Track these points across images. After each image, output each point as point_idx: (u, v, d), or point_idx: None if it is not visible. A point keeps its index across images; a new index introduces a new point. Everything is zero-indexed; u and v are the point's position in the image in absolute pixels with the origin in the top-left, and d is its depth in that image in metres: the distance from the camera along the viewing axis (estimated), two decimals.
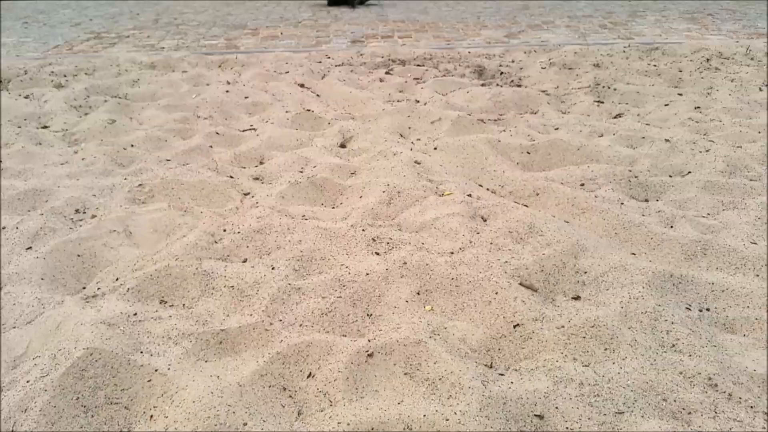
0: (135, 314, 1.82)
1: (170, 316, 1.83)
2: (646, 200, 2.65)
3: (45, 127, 3.59)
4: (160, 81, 4.44)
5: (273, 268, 2.08)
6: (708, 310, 1.89)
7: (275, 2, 9.44)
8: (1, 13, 8.64)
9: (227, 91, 4.19)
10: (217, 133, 3.43)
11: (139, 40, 6.30)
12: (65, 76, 4.58)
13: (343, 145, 3.36)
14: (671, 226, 2.37)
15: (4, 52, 5.79)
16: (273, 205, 2.53)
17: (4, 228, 2.39)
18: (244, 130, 3.56)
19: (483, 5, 8.59)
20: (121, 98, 4.08)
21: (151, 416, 1.50)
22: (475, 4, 8.73)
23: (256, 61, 5.19)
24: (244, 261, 2.19)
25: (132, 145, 3.25)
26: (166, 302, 1.95)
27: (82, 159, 3.05)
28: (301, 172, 2.93)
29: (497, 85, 4.39)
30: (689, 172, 2.85)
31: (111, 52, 5.66)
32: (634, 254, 2.21)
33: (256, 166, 3.11)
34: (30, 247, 2.26)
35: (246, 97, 4.12)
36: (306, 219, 2.45)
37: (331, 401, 1.53)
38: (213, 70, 4.90)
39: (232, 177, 2.90)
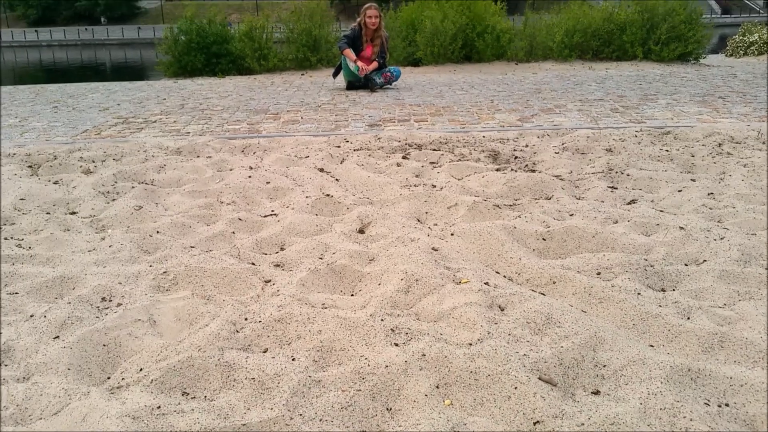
0: (158, 407, 1.85)
1: (192, 410, 1.86)
2: (663, 290, 2.67)
3: (73, 213, 3.72)
4: (186, 167, 4.59)
5: (293, 359, 2.11)
6: (727, 405, 1.89)
7: (296, 87, 9.77)
8: (33, 97, 9.02)
9: (249, 177, 4.32)
10: (240, 219, 3.53)
11: (165, 125, 6.54)
12: (94, 161, 4.75)
13: (361, 231, 3.44)
14: (688, 318, 2.39)
15: (33, 136, 6.02)
16: (293, 293, 2.59)
17: (32, 316, 2.46)
18: (265, 216, 3.66)
19: (496, 89, 8.83)
20: (148, 184, 4.22)
21: None
22: (489, 88, 8.98)
23: (278, 145, 5.36)
24: (265, 351, 2.22)
25: (157, 232, 3.35)
26: (188, 394, 1.98)
27: (110, 246, 3.14)
28: (321, 258, 3.00)
29: (512, 169, 4.48)
30: (704, 261, 2.88)
31: (138, 137, 5.87)
32: (653, 346, 2.22)
33: (277, 252, 3.18)
34: (57, 336, 2.32)
35: (267, 182, 4.24)
36: (326, 308, 2.49)
37: None
38: (236, 155, 5.06)
39: (253, 264, 2.96)
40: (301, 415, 1.84)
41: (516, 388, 1.90)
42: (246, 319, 2.40)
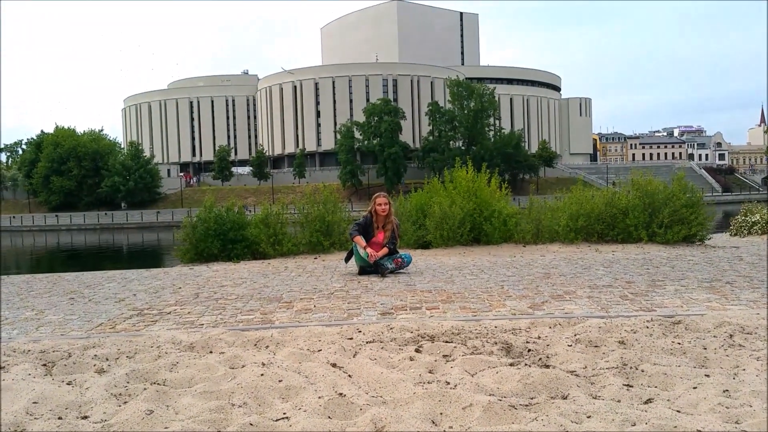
0: None
1: None
2: None
3: (85, 417, 3.69)
4: (198, 364, 4.61)
5: None
6: None
7: (309, 272, 10.00)
8: (50, 287, 9.23)
9: (262, 375, 4.31)
10: (251, 425, 3.48)
11: (179, 316, 6.64)
12: (107, 359, 4.79)
13: None
14: None
15: (49, 330, 6.10)
16: None
17: None
18: (277, 420, 3.61)
19: (506, 273, 9.00)
20: (160, 384, 4.22)
21: None
22: (498, 272, 9.15)
23: (290, 338, 5.40)
24: None
25: None
26: None
27: None
28: None
29: (525, 364, 4.46)
30: None
31: (152, 330, 5.95)
32: None
33: None
34: None
35: (280, 381, 4.22)
36: None
37: None
38: (249, 349, 5.09)
39: None
40: None
41: None
42: None
